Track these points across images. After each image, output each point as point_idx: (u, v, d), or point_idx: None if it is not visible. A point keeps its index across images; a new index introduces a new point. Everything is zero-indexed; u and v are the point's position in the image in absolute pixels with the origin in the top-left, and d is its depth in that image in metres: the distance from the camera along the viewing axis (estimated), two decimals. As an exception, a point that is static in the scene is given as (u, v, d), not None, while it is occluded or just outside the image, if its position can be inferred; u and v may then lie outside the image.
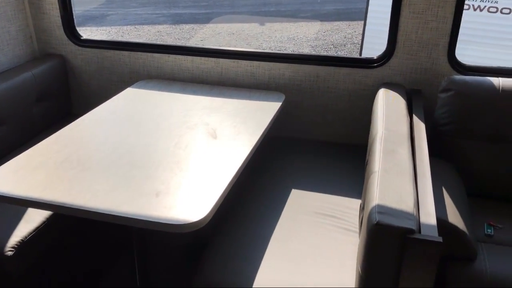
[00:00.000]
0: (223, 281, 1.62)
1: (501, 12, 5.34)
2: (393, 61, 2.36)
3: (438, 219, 1.68)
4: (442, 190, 1.86)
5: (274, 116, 2.20)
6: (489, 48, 5.22)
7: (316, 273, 1.63)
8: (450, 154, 2.13)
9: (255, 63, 2.53)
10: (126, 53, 2.70)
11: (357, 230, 1.84)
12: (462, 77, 2.16)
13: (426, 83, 2.35)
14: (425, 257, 1.31)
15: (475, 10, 5.39)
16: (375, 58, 2.41)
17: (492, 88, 2.07)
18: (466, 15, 5.25)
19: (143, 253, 1.88)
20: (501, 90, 2.05)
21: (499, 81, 2.08)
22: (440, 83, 2.20)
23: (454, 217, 1.73)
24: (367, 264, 1.39)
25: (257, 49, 7.57)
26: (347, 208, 1.98)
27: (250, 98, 2.38)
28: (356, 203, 2.01)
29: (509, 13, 5.28)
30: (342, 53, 7.78)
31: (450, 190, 1.89)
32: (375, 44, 5.47)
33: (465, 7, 5.43)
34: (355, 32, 8.61)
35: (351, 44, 8.17)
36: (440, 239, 1.30)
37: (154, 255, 2.27)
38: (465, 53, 4.91)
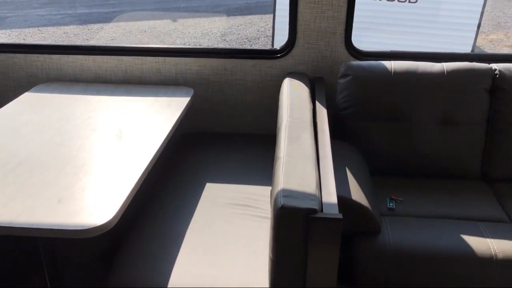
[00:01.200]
0: (137, 280, 1.59)
1: (398, 0, 5.71)
2: (295, 50, 2.44)
3: (342, 198, 1.78)
4: (345, 170, 1.96)
5: (183, 111, 2.19)
6: (387, 34, 5.55)
7: (231, 263, 1.65)
8: (353, 136, 2.25)
9: (161, 59, 2.50)
10: (21, 55, 2.54)
11: (270, 216, 1.89)
12: (358, 63, 2.28)
13: (328, 70, 2.46)
14: (328, 234, 1.38)
15: (376, -1, 5.70)
16: (278, 48, 2.47)
17: (386, 71, 2.21)
18: (366, 4, 5.55)
19: (53, 264, 1.80)
20: (393, 73, 2.20)
21: (391, 64, 2.23)
22: (339, 70, 2.31)
23: (358, 194, 1.83)
24: (277, 247, 1.43)
25: (161, 44, 7.45)
26: (260, 196, 2.02)
27: (157, 95, 2.35)
28: (268, 190, 2.06)
29: (404, 1, 5.66)
30: (256, 47, 7.89)
31: (353, 169, 1.99)
32: (284, 36, 5.63)
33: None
34: (267, 25, 8.77)
35: (264, 37, 8.31)
36: (340, 216, 1.37)
37: (66, 264, 2.18)
38: (364, 40, 5.20)
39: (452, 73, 2.18)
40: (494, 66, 2.22)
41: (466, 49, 5.78)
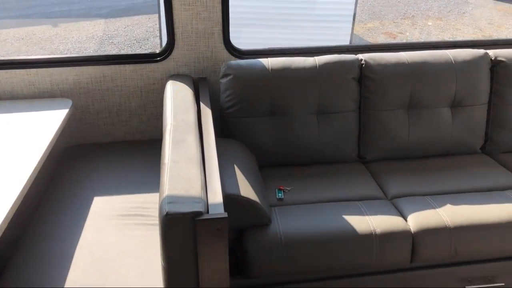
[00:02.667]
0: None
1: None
2: (176, 53, 2.43)
3: (230, 195, 1.82)
4: (234, 167, 2.01)
5: (61, 124, 2.08)
6: (270, 29, 5.74)
7: (125, 276, 1.62)
8: (239, 133, 2.31)
9: (33, 70, 2.35)
10: None
11: (162, 222, 1.88)
12: (238, 62, 2.34)
13: (210, 71, 2.49)
14: (216, 233, 1.40)
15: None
16: (158, 52, 2.45)
17: (263, 68, 2.30)
18: (247, 0, 5.66)
19: None
20: (271, 70, 2.29)
21: (268, 61, 2.32)
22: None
23: (246, 190, 1.89)
24: (167, 254, 1.43)
25: (32, 55, 6.99)
26: (151, 204, 2.00)
27: (31, 109, 2.21)
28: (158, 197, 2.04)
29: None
30: (146, 47, 7.70)
31: (241, 166, 2.05)
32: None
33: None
34: (156, 25, 8.59)
35: (154, 37, 8.14)
36: (225, 215, 1.40)
37: None
38: (246, 36, 5.33)
39: (323, 66, 2.32)
40: (360, 56, 2.41)
41: (345, 39, 6.16)
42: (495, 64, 2.45)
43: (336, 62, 2.34)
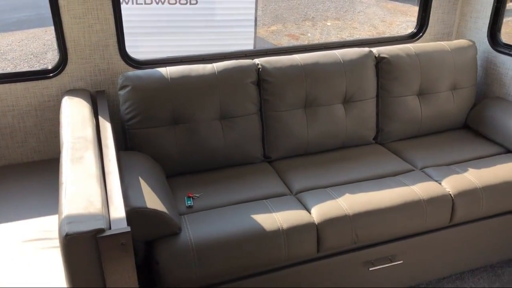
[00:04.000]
0: None
1: (179, 3, 5.90)
2: (70, 67, 2.35)
3: (136, 208, 1.81)
4: (139, 180, 1.99)
5: None
6: (172, 37, 5.72)
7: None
8: (144, 145, 2.29)
9: None
10: None
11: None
12: (135, 72, 2.32)
13: (108, 83, 2.44)
14: (121, 248, 1.39)
15: (157, 3, 5.79)
16: (50, 67, 2.35)
17: (162, 78, 2.30)
18: (147, 8, 5.59)
19: None
20: (170, 79, 2.30)
21: (167, 71, 2.33)
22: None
23: (153, 201, 1.88)
24: (72, 276, 1.39)
25: None
26: (54, 226, 1.92)
27: None
28: (63, 217, 1.97)
29: (186, 3, 5.88)
30: (46, 62, 7.30)
31: (147, 177, 2.04)
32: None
33: (148, 1, 5.80)
34: (55, 38, 8.17)
35: (53, 50, 7.74)
36: (129, 229, 1.40)
37: None
38: (146, 45, 5.28)
39: (222, 72, 2.38)
40: (257, 61, 2.50)
41: (249, 42, 6.31)
42: (379, 61, 2.66)
43: (234, 68, 2.41)
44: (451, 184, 2.29)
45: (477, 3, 2.90)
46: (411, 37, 3.04)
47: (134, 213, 1.80)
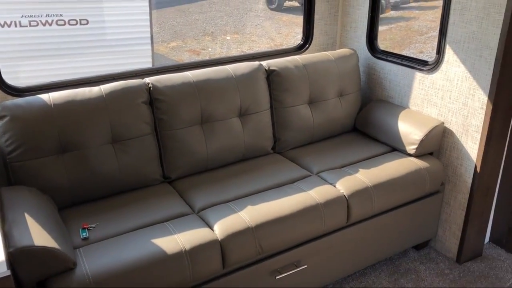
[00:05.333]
0: None
1: (69, 24, 5.64)
2: None
3: (22, 248, 1.67)
4: (24, 217, 1.84)
5: None
6: (63, 59, 5.45)
7: None
8: (29, 178, 2.13)
9: None
10: None
11: None
12: (14, 101, 2.16)
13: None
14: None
15: (44, 25, 5.48)
16: None
17: (44, 104, 2.16)
18: (30, 31, 5.27)
19: None
20: (53, 105, 2.17)
21: (49, 97, 2.19)
22: (-5, 112, 2.14)
23: (41, 238, 1.75)
24: None
25: None
26: None
27: None
28: None
29: (76, 24, 5.63)
30: None
31: (34, 213, 1.89)
32: None
33: (34, 23, 5.47)
34: None
35: None
36: (8, 272, 1.28)
37: None
38: (30, 70, 4.99)
39: (110, 94, 2.30)
40: (147, 80, 2.45)
41: (147, 60, 6.19)
42: (270, 73, 2.75)
43: (123, 89, 2.34)
44: (344, 185, 2.41)
45: (354, 14, 3.12)
46: (299, 49, 3.17)
47: (20, 253, 1.67)
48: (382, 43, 3.11)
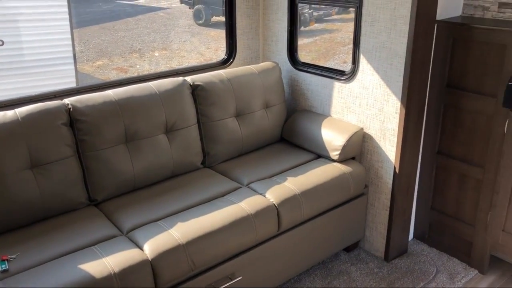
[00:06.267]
0: None
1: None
2: None
3: None
4: None
5: None
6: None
7: None
8: None
9: None
10: None
11: None
12: None
13: None
14: None
15: None
16: None
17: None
18: None
19: None
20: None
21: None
22: None
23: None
24: None
25: None
26: None
27: None
28: None
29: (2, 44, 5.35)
30: None
31: None
32: None
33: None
34: None
35: None
36: None
37: None
38: None
39: (26, 117, 2.20)
40: (66, 101, 2.37)
41: (71, 80, 5.99)
42: (195, 88, 2.76)
43: (40, 111, 2.25)
44: (274, 194, 2.46)
45: (275, 28, 3.22)
46: (223, 63, 3.22)
47: None
48: (308, 55, 3.24)
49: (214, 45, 10.94)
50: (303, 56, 3.24)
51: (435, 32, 2.64)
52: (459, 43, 2.61)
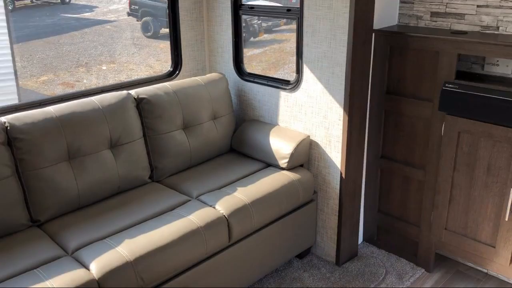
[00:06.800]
0: None
1: None
2: None
3: None
4: None
5: None
6: None
7: None
8: None
9: None
10: None
11: None
12: None
13: None
14: None
15: None
16: None
17: None
18: None
19: None
20: None
21: None
22: None
23: None
24: None
25: None
26: None
27: None
28: None
29: None
30: None
31: None
32: None
33: None
34: None
35: None
36: None
37: None
38: None
39: (-42, 137, 2.09)
40: (3, 119, 2.28)
41: (12, 97, 5.75)
42: (139, 102, 2.72)
43: (-26, 131, 2.15)
44: (224, 206, 2.45)
45: (220, 39, 3.23)
46: (169, 76, 3.20)
47: None
48: (259, 65, 3.28)
49: (164, 57, 10.85)
50: (254, 66, 3.28)
51: (373, 41, 2.74)
52: (396, 51, 2.73)
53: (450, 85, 2.50)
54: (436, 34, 2.58)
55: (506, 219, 2.47)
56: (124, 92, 2.70)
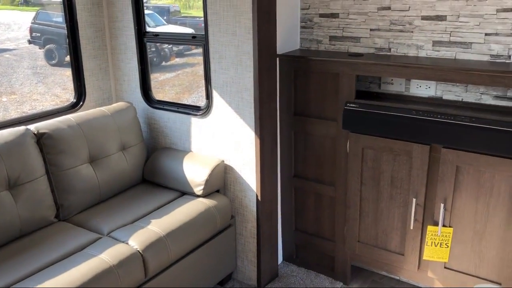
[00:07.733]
0: None
1: None
2: None
3: None
4: None
5: None
6: None
7: None
8: None
9: None
10: None
11: None
12: None
13: None
14: None
15: None
16: None
17: None
18: None
19: None
20: None
21: None
22: None
23: None
24: None
25: None
26: None
27: None
28: None
29: None
30: None
31: None
32: None
33: None
34: None
35: None
36: None
37: None
38: None
39: None
40: None
41: None
42: (40, 137, 2.55)
43: None
44: (137, 240, 2.36)
45: (125, 68, 3.15)
46: (72, 107, 3.05)
47: None
48: (172, 89, 3.23)
49: (70, 85, 10.33)
50: (167, 90, 3.23)
51: (278, 65, 2.83)
52: (300, 74, 2.83)
53: (351, 105, 2.64)
54: (335, 57, 2.72)
55: (411, 227, 2.63)
56: (22, 127, 2.52)
